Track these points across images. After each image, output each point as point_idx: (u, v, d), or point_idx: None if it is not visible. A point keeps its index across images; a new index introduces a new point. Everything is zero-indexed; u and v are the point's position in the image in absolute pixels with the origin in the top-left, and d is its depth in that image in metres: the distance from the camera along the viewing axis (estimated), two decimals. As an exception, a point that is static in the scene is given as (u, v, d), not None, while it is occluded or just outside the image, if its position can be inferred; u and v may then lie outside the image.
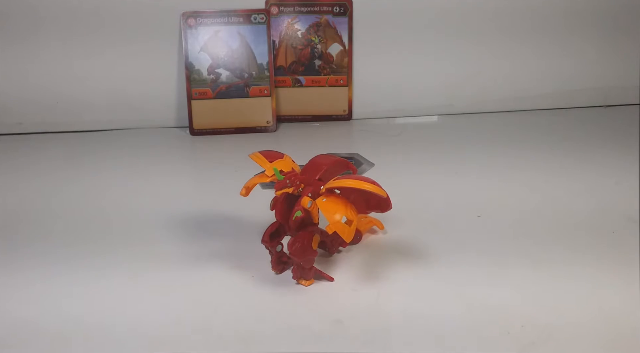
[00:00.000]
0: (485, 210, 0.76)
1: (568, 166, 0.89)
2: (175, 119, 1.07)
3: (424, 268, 0.64)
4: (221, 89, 1.03)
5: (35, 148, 1.00)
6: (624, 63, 1.13)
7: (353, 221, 0.57)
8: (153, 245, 0.70)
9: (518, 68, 1.11)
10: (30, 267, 0.66)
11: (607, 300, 0.59)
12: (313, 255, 0.60)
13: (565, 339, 0.54)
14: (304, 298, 0.60)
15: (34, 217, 0.77)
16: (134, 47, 1.04)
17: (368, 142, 1.01)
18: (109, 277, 0.64)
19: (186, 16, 1.01)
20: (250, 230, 0.71)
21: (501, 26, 1.10)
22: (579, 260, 0.65)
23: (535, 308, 0.58)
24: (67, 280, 0.63)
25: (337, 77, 1.08)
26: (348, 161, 0.64)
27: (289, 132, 1.06)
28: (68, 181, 0.87)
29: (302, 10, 1.06)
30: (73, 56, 1.03)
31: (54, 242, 0.71)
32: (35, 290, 0.62)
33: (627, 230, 0.71)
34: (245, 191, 0.63)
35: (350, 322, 0.56)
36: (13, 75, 1.03)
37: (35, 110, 1.05)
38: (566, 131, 1.04)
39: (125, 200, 0.81)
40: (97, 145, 1.01)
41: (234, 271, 0.64)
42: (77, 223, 0.75)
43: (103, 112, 1.06)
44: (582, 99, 1.14)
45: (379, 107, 1.10)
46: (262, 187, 0.81)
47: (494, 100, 1.12)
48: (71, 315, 0.58)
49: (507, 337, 0.54)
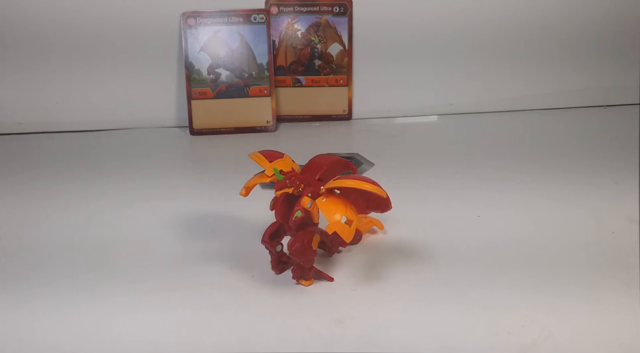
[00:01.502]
0: (485, 210, 0.76)
1: (568, 166, 0.89)
2: (175, 119, 1.07)
3: (424, 268, 0.64)
4: (221, 89, 1.03)
5: (35, 148, 1.00)
6: (624, 63, 1.13)
7: (353, 221, 0.57)
8: (153, 245, 0.70)
9: (518, 68, 1.11)
10: (30, 266, 0.66)
11: (607, 299, 0.59)
12: (313, 255, 0.60)
13: (566, 339, 0.54)
14: (304, 298, 0.60)
15: (33, 217, 0.77)
16: (134, 47, 1.04)
17: (368, 142, 1.01)
18: (108, 277, 0.64)
19: (186, 16, 1.01)
20: (250, 230, 0.71)
21: (501, 26, 1.10)
22: (579, 260, 0.66)
23: (535, 308, 0.58)
24: (67, 280, 0.63)
25: (337, 77, 1.08)
26: (348, 161, 0.64)
27: (288, 132, 1.06)
28: (68, 181, 0.87)
29: (302, 10, 1.06)
30: (73, 56, 1.03)
31: (53, 243, 0.71)
32: (36, 289, 0.62)
33: (626, 230, 0.71)
34: (245, 191, 0.63)
35: (350, 322, 0.56)
36: (13, 75, 1.03)
37: (35, 110, 1.05)
38: (566, 131, 1.04)
39: (125, 200, 0.81)
40: (97, 145, 1.01)
41: (234, 271, 0.64)
42: (77, 223, 0.75)
43: (103, 112, 1.06)
44: (582, 99, 1.14)
45: (379, 107, 1.10)
46: (262, 187, 0.81)
47: (494, 100, 1.12)
48: (71, 315, 0.58)
49: (507, 337, 0.54)
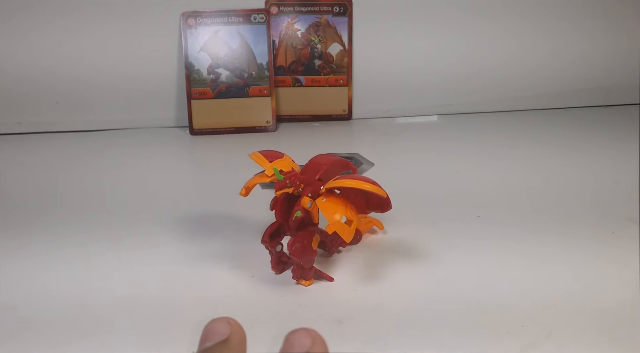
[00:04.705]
0: (485, 210, 0.76)
1: (568, 166, 0.89)
2: (175, 119, 1.07)
3: (424, 268, 0.64)
4: (221, 89, 1.03)
5: (35, 148, 1.00)
6: (624, 63, 1.13)
7: (353, 221, 0.57)
8: (153, 245, 0.70)
9: (518, 68, 1.11)
10: (30, 267, 0.66)
11: (607, 299, 0.59)
12: (313, 255, 0.60)
13: (566, 339, 0.54)
14: (304, 298, 0.60)
15: (33, 217, 0.77)
16: (134, 47, 1.04)
17: (368, 142, 1.01)
18: (108, 277, 0.64)
19: (186, 16, 1.01)
20: (250, 230, 0.71)
21: (501, 26, 1.10)
22: (579, 259, 0.66)
23: (535, 308, 0.58)
24: (67, 281, 0.63)
25: (337, 77, 1.08)
26: (348, 161, 0.64)
27: (288, 132, 1.06)
28: (68, 181, 0.87)
29: (302, 10, 1.06)
30: (73, 56, 1.03)
31: (53, 242, 0.71)
32: (35, 291, 0.62)
33: (627, 230, 0.71)
34: (245, 191, 0.63)
35: (350, 322, 0.56)
36: (13, 75, 1.03)
37: (35, 110, 1.05)
38: (566, 131, 1.04)
39: (125, 200, 0.81)
40: (97, 145, 1.01)
41: (234, 271, 0.64)
42: (77, 223, 0.75)
43: (103, 112, 1.06)
44: (582, 99, 1.14)
45: (379, 107, 1.10)
46: (262, 187, 0.81)
47: (494, 100, 1.12)
48: (71, 314, 0.58)
49: (507, 337, 0.54)
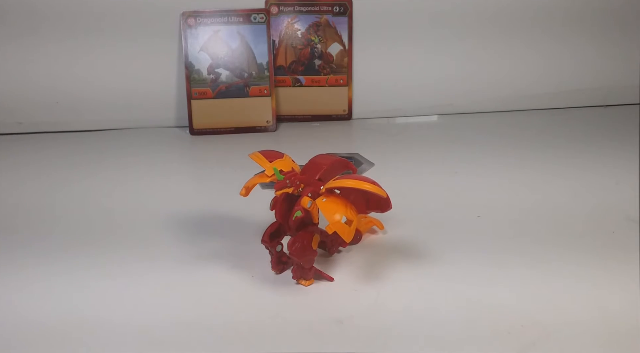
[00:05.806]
0: (485, 210, 0.76)
1: (568, 166, 0.89)
2: (175, 119, 1.07)
3: (424, 268, 0.64)
4: (221, 89, 1.03)
5: (35, 148, 1.00)
6: (624, 63, 1.13)
7: (353, 221, 0.57)
8: (153, 245, 0.70)
9: (518, 68, 1.11)
10: (30, 267, 0.66)
11: (607, 299, 0.59)
12: (313, 255, 0.60)
13: (565, 339, 0.54)
14: (304, 298, 0.60)
15: (34, 217, 0.77)
16: (134, 47, 1.04)
17: (368, 142, 1.01)
18: (109, 277, 0.64)
19: (186, 16, 1.01)
20: (250, 230, 0.71)
21: (501, 26, 1.10)
22: (579, 259, 0.65)
23: (535, 308, 0.58)
24: (67, 280, 0.63)
25: (337, 77, 1.08)
26: (348, 161, 0.64)
27: (288, 132, 1.06)
28: (68, 181, 0.87)
29: (302, 10, 1.06)
30: (73, 56, 1.03)
31: (54, 242, 0.71)
32: (35, 290, 0.62)
33: (626, 230, 0.71)
34: (245, 191, 0.63)
35: (350, 322, 0.56)
36: (13, 75, 1.03)
37: (35, 110, 1.05)
38: (566, 131, 1.04)
39: (125, 200, 0.81)
40: (97, 145, 1.01)
41: (234, 271, 0.64)
42: (77, 223, 0.75)
43: (103, 112, 1.06)
44: (582, 99, 1.14)
45: (379, 107, 1.10)
46: (262, 187, 0.81)
47: (494, 100, 1.12)
48: (71, 315, 0.58)
49: (507, 337, 0.54)
